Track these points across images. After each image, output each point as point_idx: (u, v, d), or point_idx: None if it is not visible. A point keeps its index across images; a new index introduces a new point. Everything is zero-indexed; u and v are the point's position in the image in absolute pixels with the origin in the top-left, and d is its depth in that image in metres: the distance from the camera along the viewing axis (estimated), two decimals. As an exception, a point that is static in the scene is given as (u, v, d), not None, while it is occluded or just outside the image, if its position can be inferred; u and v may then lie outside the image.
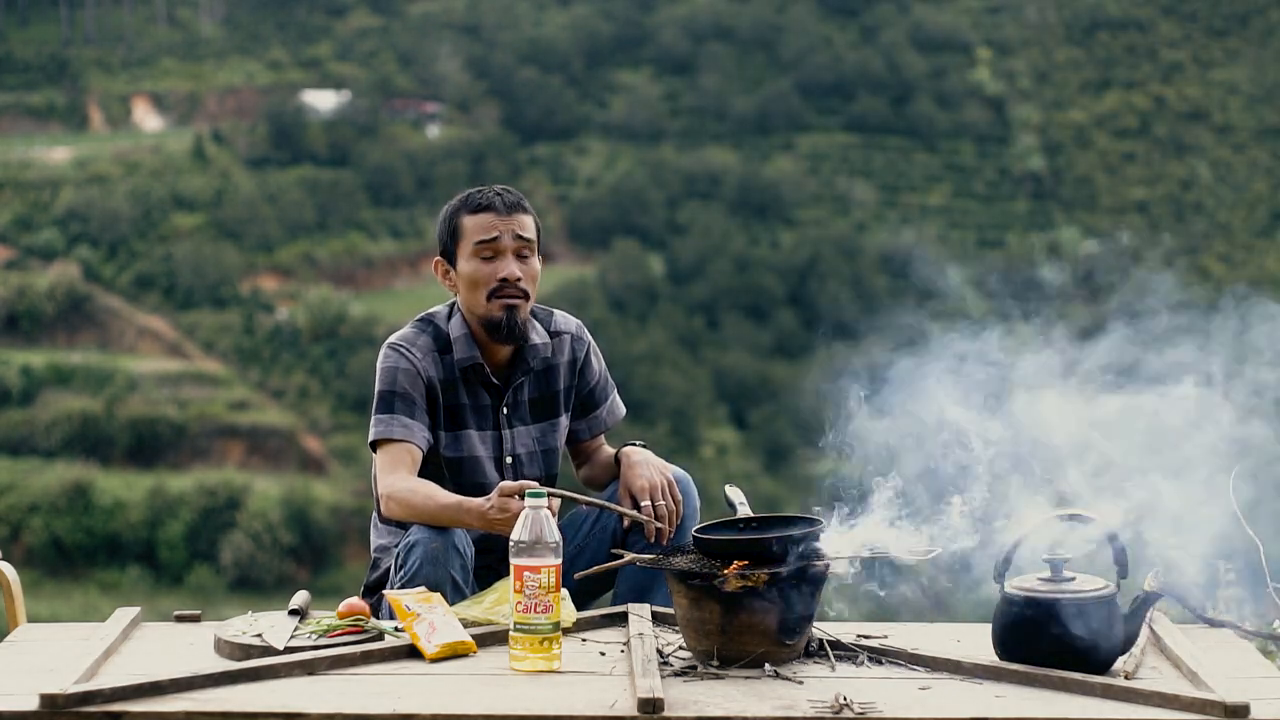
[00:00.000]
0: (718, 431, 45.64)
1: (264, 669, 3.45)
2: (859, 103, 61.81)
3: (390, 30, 64.13)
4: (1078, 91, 64.36)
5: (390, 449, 4.11)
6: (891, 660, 3.61)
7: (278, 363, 47.12)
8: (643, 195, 56.16)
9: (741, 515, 3.96)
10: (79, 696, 3.24)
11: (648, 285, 52.42)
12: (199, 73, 60.66)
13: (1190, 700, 3.28)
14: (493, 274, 4.18)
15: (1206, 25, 66.59)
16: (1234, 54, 65.04)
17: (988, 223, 58.44)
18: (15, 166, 53.23)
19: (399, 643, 3.63)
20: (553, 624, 3.53)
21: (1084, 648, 3.47)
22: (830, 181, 59.21)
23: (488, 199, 4.22)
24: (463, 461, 4.21)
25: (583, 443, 4.42)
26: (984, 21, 67.12)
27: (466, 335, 4.23)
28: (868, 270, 53.79)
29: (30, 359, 45.06)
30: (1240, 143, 61.64)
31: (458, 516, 3.93)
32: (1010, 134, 62.22)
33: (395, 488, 4.04)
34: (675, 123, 61.10)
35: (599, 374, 4.40)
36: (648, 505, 4.11)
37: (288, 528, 38.67)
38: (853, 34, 65.10)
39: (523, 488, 3.81)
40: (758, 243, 55.43)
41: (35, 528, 38.37)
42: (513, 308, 4.17)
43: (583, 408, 4.39)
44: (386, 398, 4.15)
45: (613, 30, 64.48)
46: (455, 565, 3.95)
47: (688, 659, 3.63)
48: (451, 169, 55.06)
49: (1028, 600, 3.52)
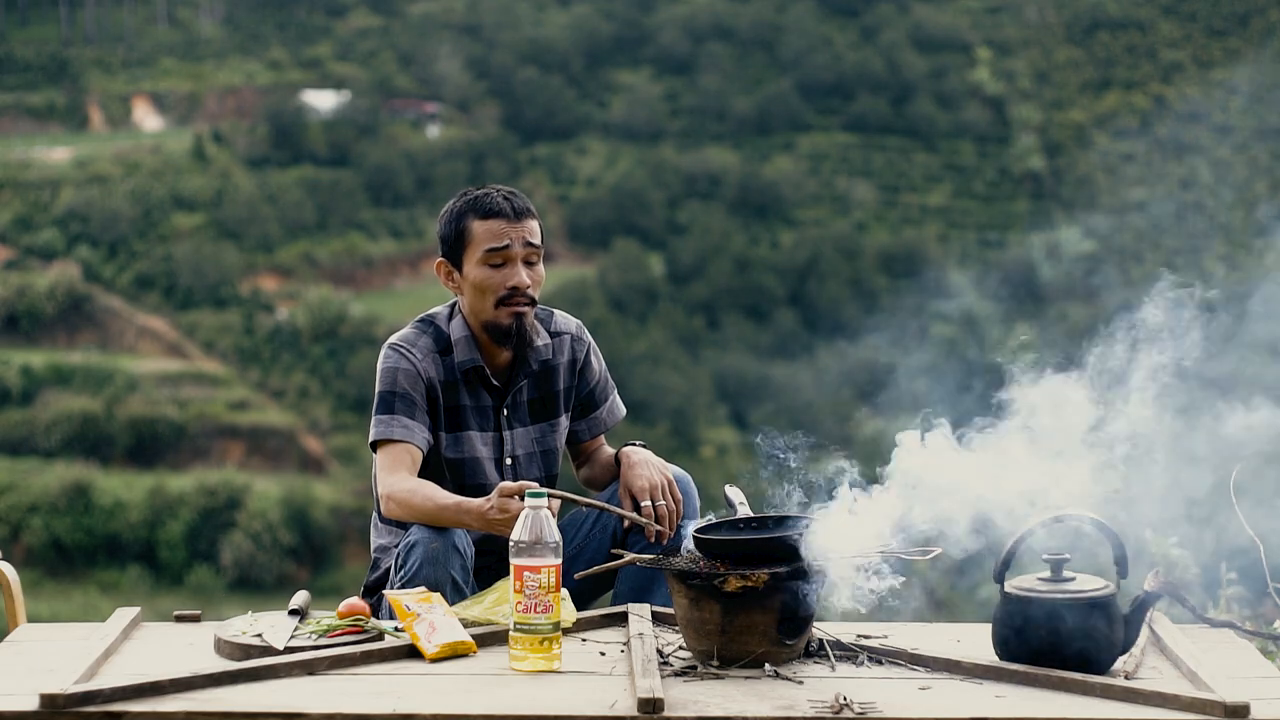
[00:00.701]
0: (718, 431, 45.62)
1: (264, 669, 3.45)
2: (859, 103, 61.79)
3: (390, 30, 64.12)
4: (1078, 91, 64.36)
5: (390, 449, 4.11)
6: (891, 660, 3.62)
7: (278, 363, 47.12)
8: (643, 195, 56.15)
9: (741, 515, 3.96)
10: (79, 696, 3.24)
11: (648, 285, 52.41)
12: (199, 73, 60.65)
13: (1190, 700, 3.28)
14: (502, 282, 4.17)
15: (1206, 25, 66.60)
16: (1234, 54, 65.02)
17: (988, 223, 58.44)
18: (15, 166, 53.22)
19: (399, 643, 3.64)
20: (553, 624, 3.53)
21: (1084, 648, 3.47)
22: (830, 181, 59.20)
23: (497, 204, 4.19)
24: (463, 462, 4.21)
25: (583, 443, 4.42)
26: (984, 21, 67.11)
27: (468, 337, 4.23)
28: (868, 270, 53.80)
29: (30, 359, 45.06)
30: (1240, 143, 61.65)
31: (457, 517, 3.93)
32: (1010, 134, 62.21)
33: (395, 488, 4.04)
34: (675, 123, 61.09)
35: (599, 374, 4.40)
36: (647, 505, 4.11)
37: (288, 528, 38.67)
38: (853, 34, 65.09)
39: (522, 488, 3.81)
40: (758, 243, 55.42)
41: (35, 528, 38.36)
42: (521, 315, 4.17)
43: (583, 408, 4.39)
44: (387, 398, 4.14)
45: (613, 30, 64.47)
46: (455, 565, 3.95)
47: (688, 659, 3.64)
48: (451, 169, 55.06)
49: (1028, 600, 3.52)
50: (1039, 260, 55.28)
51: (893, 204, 59.12)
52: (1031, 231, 56.76)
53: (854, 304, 52.69)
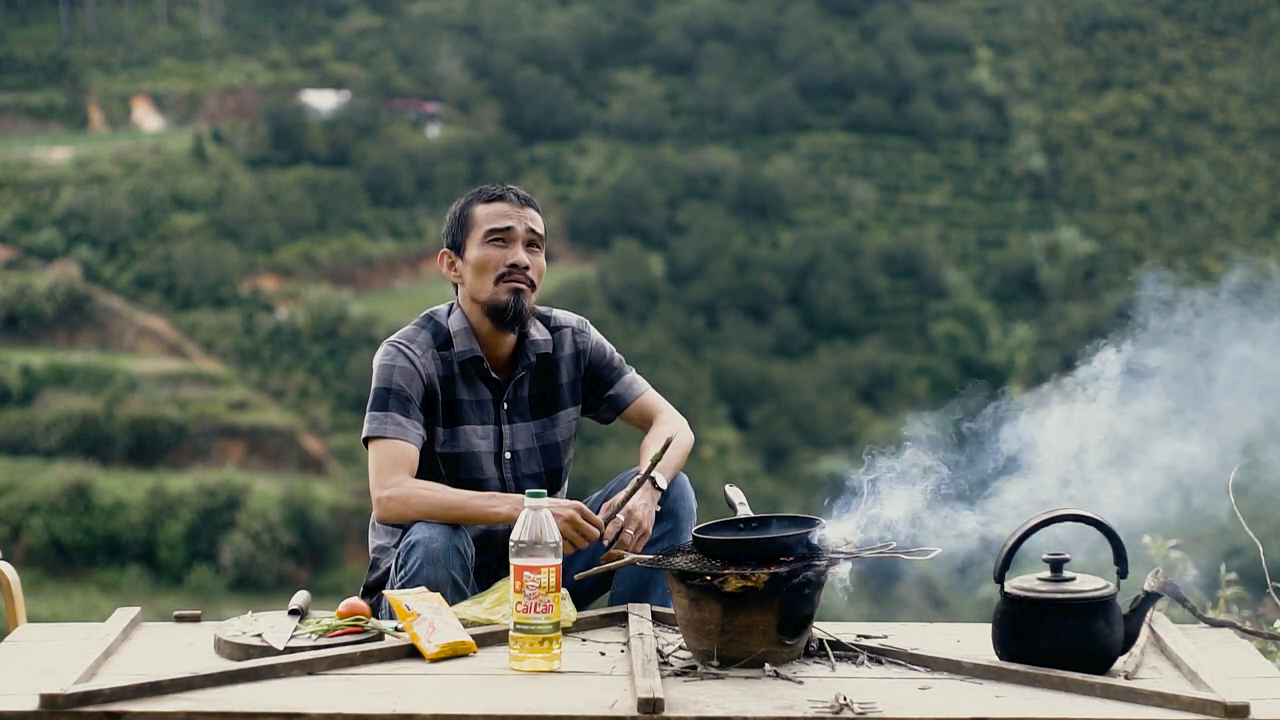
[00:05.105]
0: (718, 431, 45.63)
1: (264, 669, 3.45)
2: (859, 103, 61.81)
3: (390, 30, 64.14)
4: (1078, 91, 64.37)
5: (383, 446, 4.11)
6: (891, 660, 3.62)
7: (278, 363, 47.12)
8: (643, 195, 56.16)
9: (741, 515, 3.96)
10: (79, 696, 3.24)
11: (648, 285, 52.42)
12: (199, 73, 60.66)
13: (1190, 700, 3.28)
14: (502, 259, 4.20)
15: (1206, 25, 66.60)
16: (1234, 54, 65.04)
17: (988, 223, 58.45)
18: (15, 166, 53.22)
19: (399, 643, 3.64)
20: (553, 624, 3.53)
21: (1084, 648, 3.47)
22: (830, 181, 59.22)
23: (500, 191, 4.28)
24: (460, 457, 4.21)
25: (622, 415, 4.43)
26: (984, 21, 67.13)
27: (467, 329, 4.24)
28: (868, 270, 53.80)
29: (30, 359, 45.06)
30: (1240, 143, 61.64)
31: (487, 503, 4.00)
32: (1010, 134, 62.23)
33: (395, 490, 4.05)
34: (675, 123, 61.10)
35: (606, 355, 4.40)
36: (619, 521, 4.09)
37: (288, 528, 38.67)
38: (853, 34, 65.11)
39: (593, 536, 3.99)
40: (758, 243, 55.44)
41: (35, 528, 38.35)
42: (519, 292, 4.19)
43: (596, 390, 4.39)
44: (382, 395, 4.15)
45: (613, 30, 64.49)
46: (455, 565, 3.95)
47: (688, 659, 3.64)
48: (451, 169, 55.09)
49: (1028, 600, 3.52)
50: (1039, 260, 55.30)
51: (893, 204, 59.13)
52: (1031, 231, 56.77)
53: (854, 304, 52.72)
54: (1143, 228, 58.47)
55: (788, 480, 41.49)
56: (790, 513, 3.83)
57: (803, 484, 39.25)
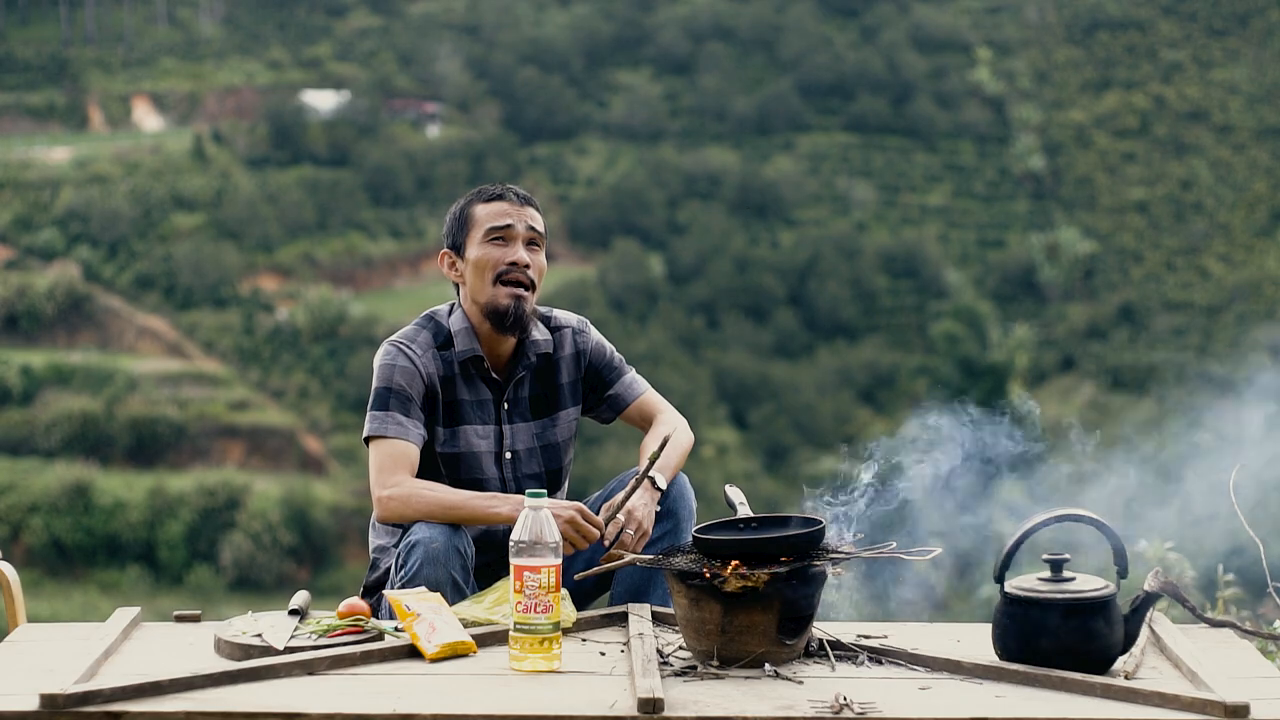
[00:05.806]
0: (718, 431, 45.63)
1: (264, 669, 3.45)
2: (859, 103, 61.81)
3: (390, 30, 64.13)
4: (1078, 91, 64.36)
5: (384, 446, 4.11)
6: (891, 660, 3.61)
7: (278, 363, 47.12)
8: (643, 195, 56.16)
9: (741, 515, 3.96)
10: (79, 696, 3.24)
11: (648, 285, 52.42)
12: (199, 73, 60.65)
13: (1190, 700, 3.28)
14: (502, 258, 4.20)
15: (1206, 25, 66.58)
16: (1234, 54, 65.02)
17: (988, 223, 58.45)
18: (15, 166, 53.22)
19: (399, 643, 3.63)
20: (553, 624, 3.53)
21: (1084, 648, 3.47)
22: (830, 181, 59.21)
23: (500, 191, 4.28)
24: (460, 457, 4.21)
25: (622, 416, 4.42)
26: (984, 21, 67.12)
27: (467, 329, 4.24)
28: (868, 270, 53.80)
29: (30, 359, 45.06)
30: (1240, 143, 61.62)
31: (488, 504, 3.98)
32: (1010, 134, 62.21)
33: (396, 490, 4.05)
34: (675, 123, 61.10)
35: (606, 355, 4.40)
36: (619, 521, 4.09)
37: (288, 528, 38.67)
38: (853, 34, 65.10)
39: (592, 537, 3.97)
40: (758, 243, 55.43)
41: (35, 528, 38.36)
42: (520, 296, 4.19)
43: (596, 390, 4.39)
44: (382, 394, 4.15)
45: (613, 30, 64.48)
46: (455, 565, 3.95)
47: (688, 659, 3.63)
48: (451, 169, 55.08)
49: (1028, 600, 3.52)
50: (1039, 260, 55.30)
51: (893, 204, 59.13)
52: (1031, 231, 56.77)
53: (854, 304, 52.72)
54: (1143, 228, 58.46)
55: (788, 480, 41.48)
56: (790, 513, 3.83)
57: (803, 484, 39.24)
